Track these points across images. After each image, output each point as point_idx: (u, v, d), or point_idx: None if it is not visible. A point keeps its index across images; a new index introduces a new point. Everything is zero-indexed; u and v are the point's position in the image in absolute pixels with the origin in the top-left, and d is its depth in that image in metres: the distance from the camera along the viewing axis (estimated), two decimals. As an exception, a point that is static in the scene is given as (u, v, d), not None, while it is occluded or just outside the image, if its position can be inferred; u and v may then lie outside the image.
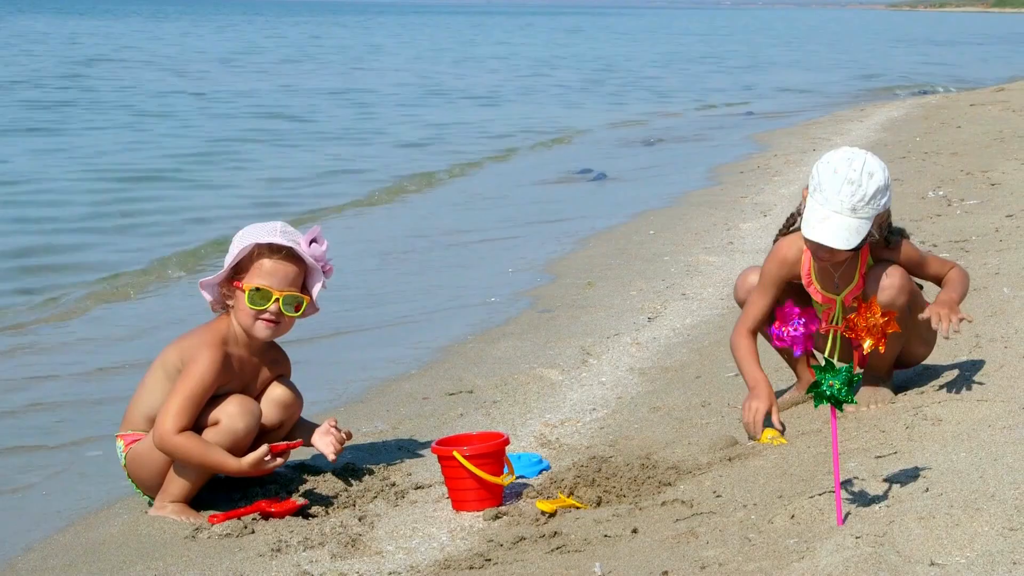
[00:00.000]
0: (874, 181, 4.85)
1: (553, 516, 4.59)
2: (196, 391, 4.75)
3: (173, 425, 4.71)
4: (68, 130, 20.23)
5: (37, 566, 4.51)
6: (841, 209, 4.84)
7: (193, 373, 4.77)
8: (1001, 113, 19.57)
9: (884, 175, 4.90)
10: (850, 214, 4.84)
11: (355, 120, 22.96)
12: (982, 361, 5.50)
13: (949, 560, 3.45)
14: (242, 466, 4.78)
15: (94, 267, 10.19)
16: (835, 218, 4.85)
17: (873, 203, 4.86)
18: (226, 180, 15.32)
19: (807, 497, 4.14)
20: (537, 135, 20.55)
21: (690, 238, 10.52)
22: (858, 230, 4.85)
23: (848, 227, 4.84)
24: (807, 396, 5.34)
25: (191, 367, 4.78)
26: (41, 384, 7.07)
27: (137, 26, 72.70)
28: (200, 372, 4.77)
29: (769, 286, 5.23)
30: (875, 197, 4.85)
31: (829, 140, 17.93)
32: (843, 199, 4.84)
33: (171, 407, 4.73)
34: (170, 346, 4.96)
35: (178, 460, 4.78)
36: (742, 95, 29.32)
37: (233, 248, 4.92)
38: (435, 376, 6.67)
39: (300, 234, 4.96)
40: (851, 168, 4.86)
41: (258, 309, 4.86)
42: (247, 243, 4.88)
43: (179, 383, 4.77)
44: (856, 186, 4.83)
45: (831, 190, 4.85)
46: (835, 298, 5.17)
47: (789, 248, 5.21)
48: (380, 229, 12.32)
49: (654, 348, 7.09)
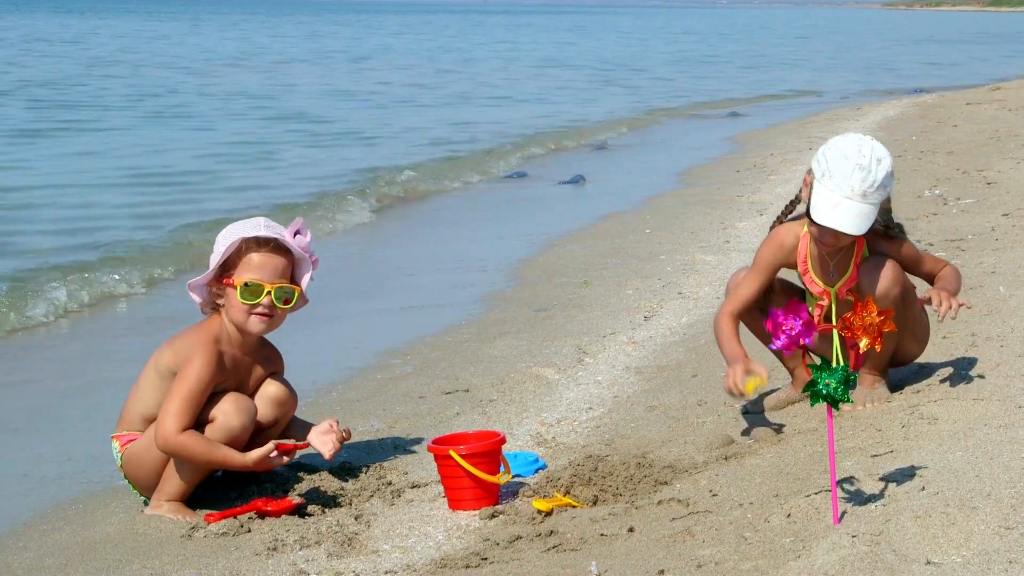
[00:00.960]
0: (883, 167, 4.88)
1: (549, 515, 4.59)
2: (194, 391, 4.75)
3: (175, 425, 4.71)
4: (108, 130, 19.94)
5: (33, 565, 4.51)
6: (852, 195, 4.86)
7: (189, 373, 4.77)
8: (997, 112, 19.59)
9: (890, 161, 4.95)
10: (861, 200, 4.87)
11: (381, 117, 22.65)
12: (978, 360, 5.50)
13: (945, 559, 3.45)
14: (247, 462, 4.80)
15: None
16: (846, 204, 4.87)
17: (882, 189, 4.90)
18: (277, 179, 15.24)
19: (803, 496, 4.14)
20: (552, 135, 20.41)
21: (686, 237, 10.52)
22: (868, 216, 4.88)
23: (859, 212, 4.87)
24: (803, 395, 5.33)
25: (187, 367, 4.78)
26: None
27: (138, 25, 72.24)
28: (197, 372, 4.77)
29: (762, 271, 5.23)
30: (884, 182, 4.89)
31: (825, 139, 17.88)
32: (854, 185, 4.86)
33: (171, 408, 4.73)
34: (162, 347, 4.96)
35: (183, 459, 4.78)
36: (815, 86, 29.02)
37: (218, 246, 4.91)
38: (431, 375, 6.67)
39: (283, 227, 4.96)
40: (861, 154, 4.88)
41: (251, 304, 4.86)
42: (233, 239, 4.87)
43: (176, 384, 4.77)
44: (867, 172, 4.85)
45: (841, 176, 4.87)
46: (830, 289, 5.18)
47: (787, 234, 5.22)
48: (385, 229, 12.35)
49: (650, 347, 7.09)
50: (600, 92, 29.92)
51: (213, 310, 4.96)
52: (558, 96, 28.57)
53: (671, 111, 25.31)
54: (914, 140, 16.67)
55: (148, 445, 4.84)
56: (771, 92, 30.24)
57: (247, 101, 25.82)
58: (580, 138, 20.18)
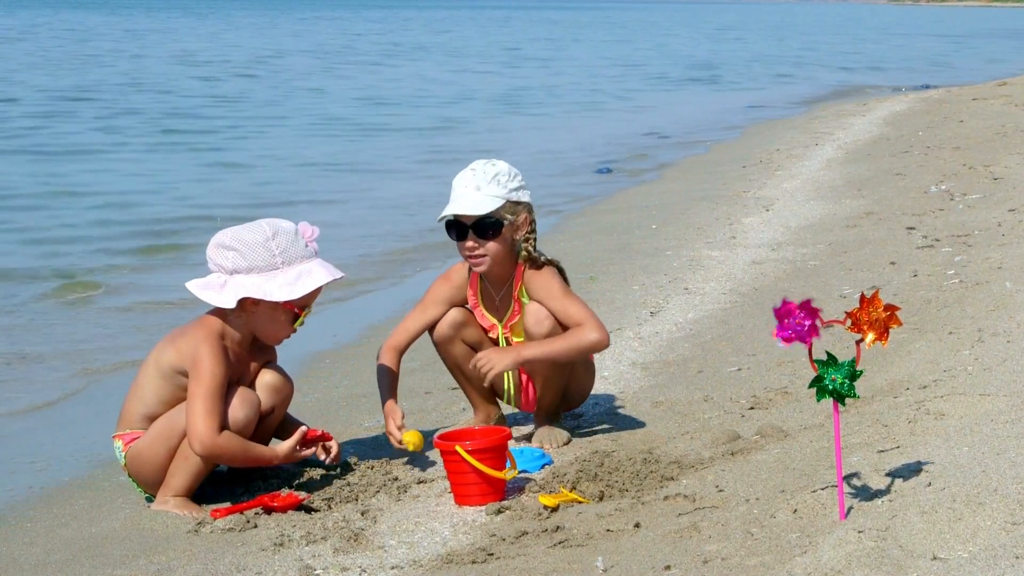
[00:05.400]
0: (496, 168, 5.20)
1: (555, 511, 4.59)
2: (214, 388, 4.75)
3: (210, 427, 4.72)
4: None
5: (40, 561, 4.51)
6: (466, 191, 5.17)
7: (204, 372, 4.76)
8: (1004, 107, 19.56)
9: (510, 168, 5.23)
10: (474, 192, 5.17)
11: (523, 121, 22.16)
12: (985, 355, 5.50)
13: (951, 554, 3.44)
14: (277, 455, 4.88)
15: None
16: (461, 194, 5.18)
17: (496, 182, 5.17)
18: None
19: (809, 491, 4.14)
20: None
21: (692, 232, 10.52)
22: (481, 204, 5.14)
23: (472, 201, 5.15)
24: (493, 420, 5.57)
25: (199, 367, 4.77)
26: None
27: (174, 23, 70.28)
28: (211, 369, 4.77)
29: (431, 304, 5.45)
30: (497, 177, 5.17)
31: (832, 134, 17.93)
32: (466, 181, 5.19)
33: (198, 411, 4.72)
34: (162, 345, 4.95)
35: (223, 461, 4.82)
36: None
37: (290, 277, 4.89)
38: (437, 370, 6.66)
39: (332, 266, 5.03)
40: (474, 163, 5.24)
41: (298, 327, 5.03)
42: (318, 281, 4.91)
43: (194, 386, 4.76)
44: (475, 172, 5.20)
45: (456, 183, 5.23)
46: (497, 323, 5.40)
47: (460, 271, 5.47)
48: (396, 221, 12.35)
49: (656, 343, 7.09)
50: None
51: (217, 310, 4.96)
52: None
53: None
54: (920, 135, 16.65)
55: (151, 442, 4.84)
56: (772, 91, 30.13)
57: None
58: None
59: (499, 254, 5.24)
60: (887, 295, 7.04)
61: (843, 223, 10.52)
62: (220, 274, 4.91)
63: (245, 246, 4.87)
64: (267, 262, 4.87)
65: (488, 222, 5.17)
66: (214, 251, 4.91)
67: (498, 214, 5.18)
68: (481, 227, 5.18)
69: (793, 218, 11.02)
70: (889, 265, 8.50)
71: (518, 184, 5.22)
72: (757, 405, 5.74)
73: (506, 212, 5.19)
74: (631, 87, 29.99)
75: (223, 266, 4.89)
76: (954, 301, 7.03)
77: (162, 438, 4.83)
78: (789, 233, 10.30)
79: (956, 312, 6.71)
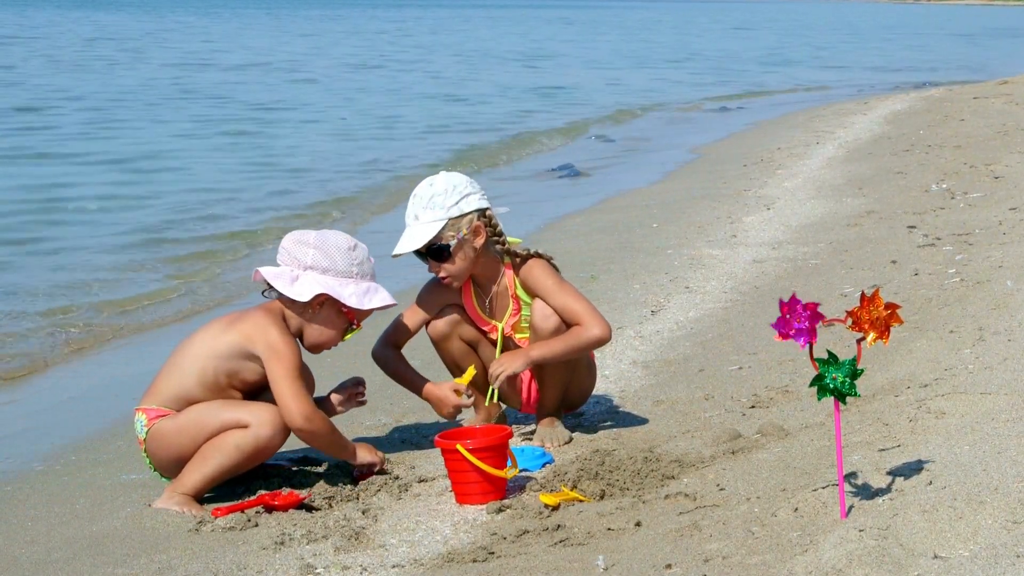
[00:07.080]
0: (433, 189, 5.21)
1: (556, 509, 4.59)
2: (295, 369, 4.85)
3: (307, 407, 4.82)
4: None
5: (40, 559, 4.51)
6: (410, 221, 5.22)
7: (285, 353, 4.85)
8: (1005, 106, 19.55)
9: (448, 182, 5.22)
10: (415, 223, 5.20)
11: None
12: (986, 354, 5.49)
13: (952, 553, 3.44)
14: (352, 453, 5.04)
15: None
16: (406, 231, 5.22)
17: (432, 204, 5.18)
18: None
19: (810, 490, 4.14)
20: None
21: (693, 231, 10.52)
22: (420, 234, 5.18)
23: (411, 235, 5.20)
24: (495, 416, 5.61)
25: (279, 349, 4.84)
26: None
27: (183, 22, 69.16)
28: (291, 350, 4.88)
29: (426, 306, 5.48)
30: (433, 199, 5.18)
31: (832, 133, 17.93)
32: (409, 211, 5.24)
33: (290, 391, 4.80)
34: (217, 328, 4.98)
35: (316, 439, 4.89)
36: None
37: (361, 289, 5.03)
38: (438, 369, 6.67)
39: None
40: (418, 187, 5.26)
41: (348, 337, 5.15)
42: (384, 300, 5.08)
43: (278, 368, 4.82)
44: (416, 198, 5.22)
45: (407, 212, 5.26)
46: (498, 324, 5.42)
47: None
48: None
49: (657, 341, 7.09)
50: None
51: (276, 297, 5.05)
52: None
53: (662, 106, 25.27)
54: (921, 134, 16.65)
55: (178, 429, 4.84)
56: (773, 88, 30.10)
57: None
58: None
59: (463, 271, 5.29)
60: (888, 294, 7.04)
61: (844, 222, 10.52)
62: (293, 268, 4.96)
63: (330, 247, 5.00)
64: (345, 269, 5.00)
65: (434, 248, 5.21)
66: (294, 246, 5.01)
67: (441, 237, 5.19)
68: (432, 252, 5.23)
69: (794, 217, 11.02)
70: (890, 264, 8.50)
71: (458, 197, 5.21)
72: (758, 404, 5.74)
73: (448, 231, 5.19)
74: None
75: (300, 261, 4.98)
76: (955, 300, 7.03)
77: (190, 430, 4.84)
78: (790, 232, 10.30)
79: (957, 311, 6.70)
